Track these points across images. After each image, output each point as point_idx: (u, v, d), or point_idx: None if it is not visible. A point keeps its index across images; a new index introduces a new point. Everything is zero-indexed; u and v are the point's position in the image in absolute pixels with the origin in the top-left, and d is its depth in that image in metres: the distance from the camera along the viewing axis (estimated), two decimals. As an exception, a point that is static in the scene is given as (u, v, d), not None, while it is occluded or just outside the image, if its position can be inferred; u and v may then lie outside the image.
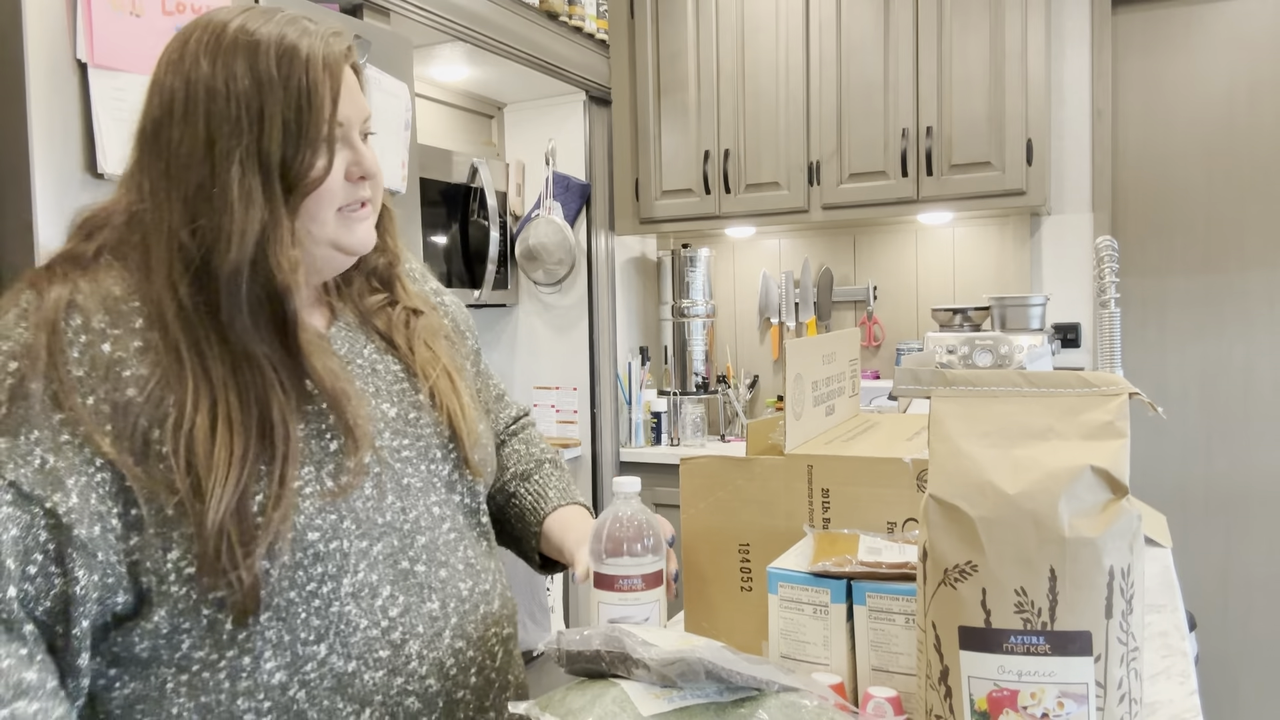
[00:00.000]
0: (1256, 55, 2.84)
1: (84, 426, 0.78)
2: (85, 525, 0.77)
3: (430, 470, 0.96)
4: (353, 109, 0.90)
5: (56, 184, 1.38)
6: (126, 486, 0.79)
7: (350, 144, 0.90)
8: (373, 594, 0.87)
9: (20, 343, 0.79)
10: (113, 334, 0.82)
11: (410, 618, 0.90)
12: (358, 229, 0.92)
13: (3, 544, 0.74)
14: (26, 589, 0.76)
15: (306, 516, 0.84)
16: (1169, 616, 1.14)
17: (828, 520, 1.02)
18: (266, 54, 0.85)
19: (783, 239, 3.40)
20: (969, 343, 2.66)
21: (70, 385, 0.78)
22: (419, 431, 0.96)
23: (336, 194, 0.89)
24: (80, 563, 0.77)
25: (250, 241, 0.83)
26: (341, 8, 2.10)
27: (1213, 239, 2.91)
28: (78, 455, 0.77)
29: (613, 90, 3.26)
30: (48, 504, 0.76)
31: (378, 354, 0.98)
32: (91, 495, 0.77)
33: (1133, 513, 0.68)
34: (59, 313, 0.81)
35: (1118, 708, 0.67)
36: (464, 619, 0.94)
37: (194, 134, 0.84)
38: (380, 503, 0.90)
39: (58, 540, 0.76)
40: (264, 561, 0.81)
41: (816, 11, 2.95)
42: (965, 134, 2.77)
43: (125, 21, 1.45)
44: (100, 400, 0.79)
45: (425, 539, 0.93)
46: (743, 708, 0.71)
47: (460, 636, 0.93)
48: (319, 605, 0.84)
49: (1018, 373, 0.73)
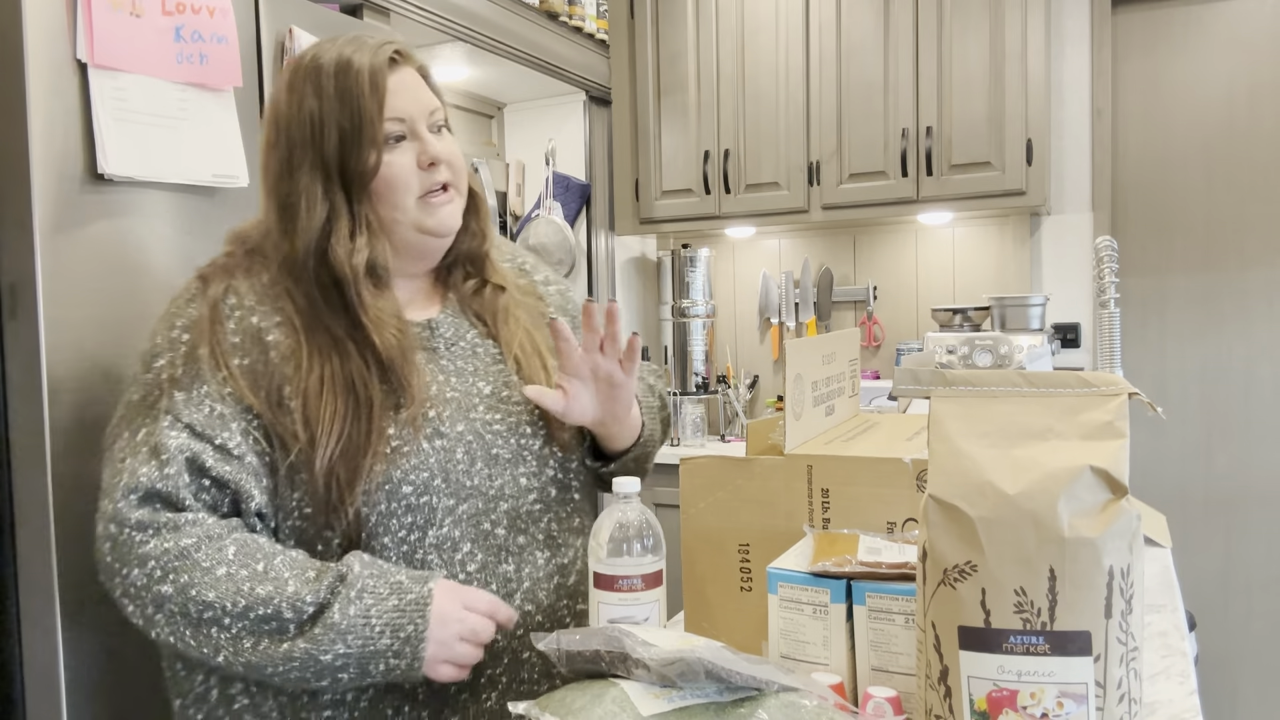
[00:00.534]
0: (1256, 56, 2.84)
1: (239, 382, 0.97)
2: (235, 465, 0.95)
3: (520, 444, 1.06)
4: (413, 105, 1.02)
5: (56, 184, 1.38)
6: (268, 434, 0.97)
7: (417, 136, 1.03)
8: (454, 548, 1.00)
9: (190, 319, 1.01)
10: (260, 309, 1.01)
11: (485, 574, 1.01)
12: (439, 212, 1.04)
13: (176, 473, 0.94)
14: (199, 508, 0.95)
15: (402, 471, 0.97)
16: (1169, 616, 1.14)
17: (827, 520, 1.02)
18: (326, 74, 1.01)
19: (783, 239, 3.40)
20: (969, 343, 2.66)
21: (227, 350, 0.99)
22: (510, 408, 1.06)
23: (411, 182, 1.02)
24: (230, 493, 0.96)
25: (312, 236, 1.00)
26: (341, 8, 2.10)
27: (1213, 239, 2.91)
28: (237, 405, 0.97)
29: (613, 90, 3.26)
30: (217, 441, 0.95)
31: (479, 338, 1.10)
32: (249, 437, 0.97)
33: (1132, 513, 0.68)
34: (219, 295, 1.02)
35: (1117, 708, 0.67)
36: (536, 585, 1.04)
37: (280, 156, 1.03)
38: (470, 468, 1.01)
39: (224, 472, 0.95)
40: (364, 507, 0.96)
41: (816, 12, 2.95)
42: (965, 134, 2.77)
43: (125, 21, 1.45)
44: (252, 361, 0.99)
45: (508, 506, 1.04)
46: (742, 707, 0.71)
47: (530, 601, 1.03)
48: (406, 550, 0.98)
49: (1017, 373, 0.73)
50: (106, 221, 1.45)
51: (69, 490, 1.39)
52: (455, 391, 1.04)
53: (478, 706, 1.01)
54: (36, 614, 1.39)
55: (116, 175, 1.44)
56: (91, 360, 1.43)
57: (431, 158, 1.02)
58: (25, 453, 1.38)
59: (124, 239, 1.48)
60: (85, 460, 1.42)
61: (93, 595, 1.42)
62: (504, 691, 1.03)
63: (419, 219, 1.03)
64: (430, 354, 1.06)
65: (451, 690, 0.99)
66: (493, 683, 1.02)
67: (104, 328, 1.45)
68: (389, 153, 1.01)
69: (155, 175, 1.50)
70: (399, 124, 1.02)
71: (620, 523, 0.93)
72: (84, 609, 1.41)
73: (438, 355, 1.06)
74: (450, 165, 1.05)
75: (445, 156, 1.04)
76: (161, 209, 1.54)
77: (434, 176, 1.03)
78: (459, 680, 0.95)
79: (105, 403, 1.44)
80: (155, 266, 1.53)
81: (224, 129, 1.61)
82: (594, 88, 3.27)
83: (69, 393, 1.39)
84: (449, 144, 1.06)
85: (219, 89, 1.60)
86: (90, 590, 1.42)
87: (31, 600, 1.39)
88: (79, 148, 1.41)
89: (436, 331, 1.07)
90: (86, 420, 1.42)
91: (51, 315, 1.38)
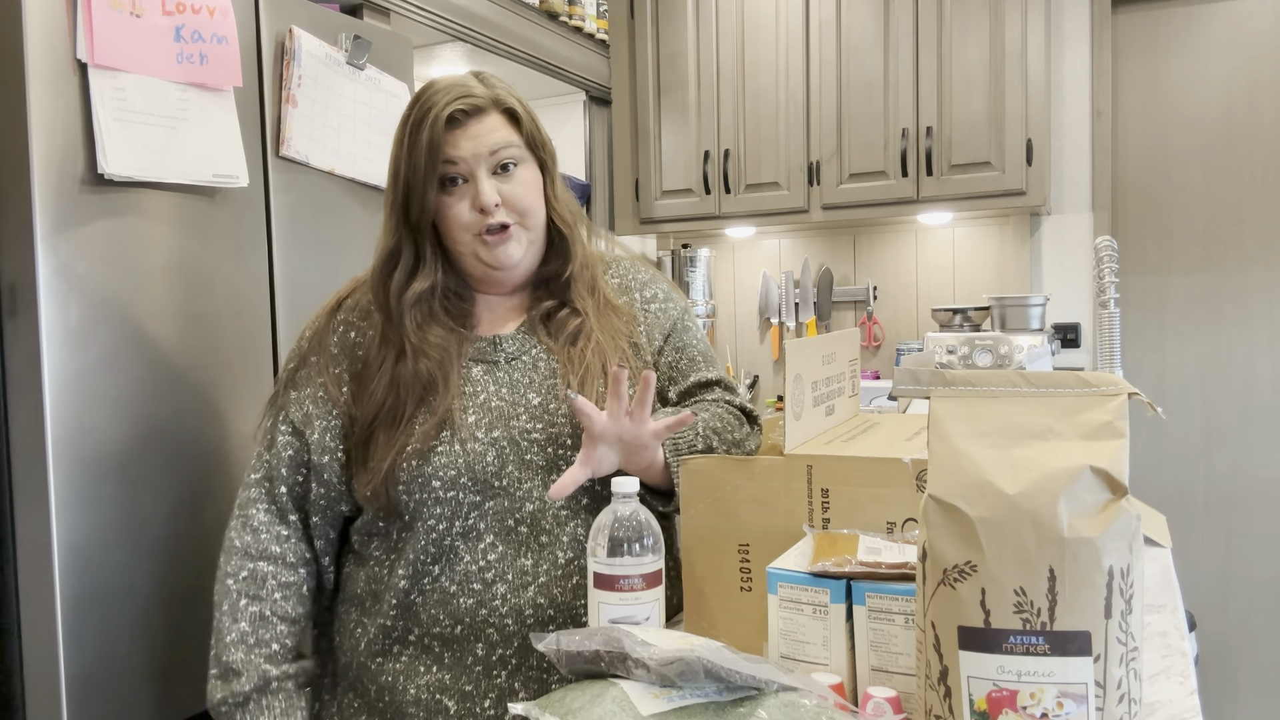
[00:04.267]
0: (1256, 55, 2.84)
1: (331, 389, 1.17)
2: (318, 454, 1.16)
3: (556, 454, 1.14)
4: (469, 150, 1.14)
5: (56, 184, 1.38)
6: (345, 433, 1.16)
7: (475, 180, 1.14)
8: (478, 539, 1.12)
9: (314, 329, 1.23)
10: (359, 325, 1.20)
11: (504, 564, 1.12)
12: (495, 251, 1.16)
13: (285, 458, 1.17)
14: (295, 490, 1.17)
15: (433, 468, 1.11)
16: (1169, 616, 1.14)
17: (827, 520, 1.02)
18: (406, 123, 1.16)
19: (783, 239, 3.40)
20: (969, 343, 2.66)
21: (327, 360, 1.19)
22: (554, 419, 1.15)
23: (465, 221, 1.15)
24: (314, 478, 1.16)
25: (377, 265, 1.19)
26: (341, 8, 2.10)
27: (1213, 239, 2.91)
28: (324, 407, 1.17)
29: (613, 90, 3.26)
30: (309, 436, 1.16)
31: (543, 353, 1.19)
32: (327, 435, 1.16)
33: (1132, 513, 0.68)
34: (331, 311, 1.23)
35: (1117, 708, 0.67)
36: (552, 581, 1.12)
37: (386, 195, 1.20)
38: (500, 470, 1.13)
39: (310, 460, 1.16)
40: (404, 496, 1.11)
41: (816, 11, 2.95)
42: (965, 134, 2.77)
43: (125, 21, 1.45)
44: (343, 370, 1.18)
45: (534, 508, 1.13)
46: (742, 707, 0.71)
47: (544, 595, 1.12)
48: (435, 538, 1.12)
49: (1017, 373, 0.73)
50: (106, 221, 1.45)
51: (69, 490, 1.39)
52: (502, 401, 1.16)
53: (489, 682, 1.12)
54: (36, 614, 1.39)
55: (116, 175, 1.44)
56: (91, 360, 1.43)
57: (482, 205, 1.13)
58: (25, 452, 1.38)
59: (124, 239, 1.48)
60: (85, 460, 1.42)
61: (93, 595, 1.42)
62: (514, 671, 1.12)
63: (476, 251, 1.16)
64: (489, 366, 1.18)
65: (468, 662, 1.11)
66: (503, 663, 1.11)
67: (104, 328, 1.45)
68: (448, 195, 1.15)
69: (155, 175, 1.50)
70: (454, 168, 1.14)
71: (620, 522, 0.93)
72: (84, 609, 1.41)
73: (496, 368, 1.18)
74: (513, 204, 1.15)
75: (505, 197, 1.15)
76: (161, 209, 1.54)
77: (485, 220, 1.14)
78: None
79: (105, 403, 1.44)
80: (155, 266, 1.53)
81: (224, 129, 1.61)
82: (594, 88, 3.27)
83: (69, 393, 1.39)
84: (513, 184, 1.16)
85: (219, 89, 1.60)
86: (90, 590, 1.42)
87: (31, 600, 1.39)
88: (79, 148, 1.41)
89: (499, 347, 1.19)
90: (86, 420, 1.42)
91: (51, 315, 1.38)
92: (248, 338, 1.68)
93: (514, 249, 1.16)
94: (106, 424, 1.45)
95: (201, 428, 1.59)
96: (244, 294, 1.68)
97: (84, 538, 1.41)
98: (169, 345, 1.54)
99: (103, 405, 1.44)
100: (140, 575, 1.49)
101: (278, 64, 1.74)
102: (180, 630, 1.55)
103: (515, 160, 1.17)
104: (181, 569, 1.55)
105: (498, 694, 1.11)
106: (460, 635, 1.11)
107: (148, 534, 1.50)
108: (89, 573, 1.42)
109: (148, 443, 1.50)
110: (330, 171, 1.85)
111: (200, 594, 1.58)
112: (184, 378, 1.57)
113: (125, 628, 1.47)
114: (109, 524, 1.44)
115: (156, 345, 1.52)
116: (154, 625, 1.51)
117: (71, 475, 1.39)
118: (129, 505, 1.47)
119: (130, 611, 1.47)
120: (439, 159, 1.13)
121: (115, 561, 1.45)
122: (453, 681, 1.12)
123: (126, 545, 1.47)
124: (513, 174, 1.16)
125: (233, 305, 1.66)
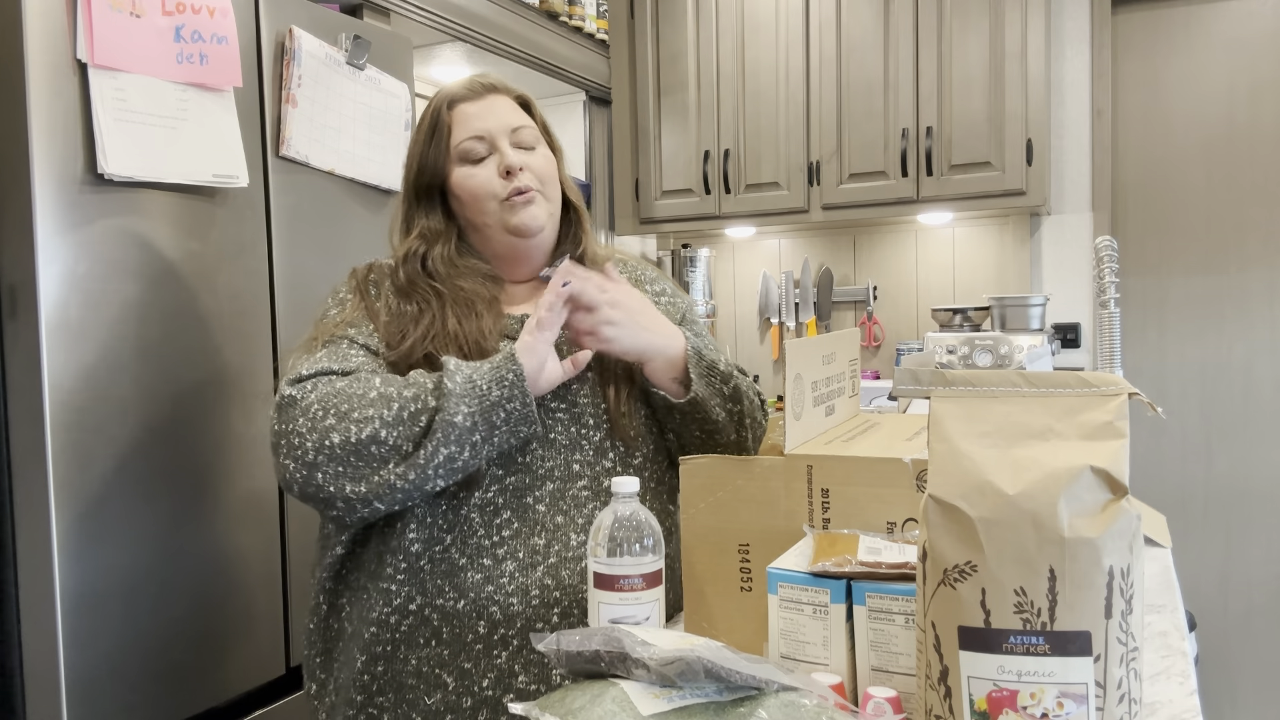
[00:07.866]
0: (1256, 55, 2.84)
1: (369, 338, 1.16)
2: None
3: (579, 433, 1.17)
4: (493, 123, 1.20)
5: (56, 184, 1.38)
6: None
7: (498, 149, 1.19)
8: (495, 512, 1.12)
9: (350, 288, 1.23)
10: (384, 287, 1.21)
11: (516, 542, 1.12)
12: (521, 212, 1.19)
13: (358, 362, 1.13)
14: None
15: None
16: (1169, 616, 1.14)
17: (827, 520, 1.02)
18: (425, 116, 1.23)
19: (783, 239, 3.40)
20: (969, 343, 2.66)
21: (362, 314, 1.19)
22: (575, 399, 1.17)
23: (492, 188, 1.18)
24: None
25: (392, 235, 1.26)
26: (341, 8, 2.10)
27: (1213, 239, 2.91)
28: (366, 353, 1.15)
29: (613, 90, 3.26)
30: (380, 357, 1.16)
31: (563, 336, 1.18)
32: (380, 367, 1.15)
33: (1132, 513, 0.68)
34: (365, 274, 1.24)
35: (1117, 708, 0.67)
36: (562, 563, 1.12)
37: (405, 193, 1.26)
38: (524, 445, 1.13)
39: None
40: None
41: (816, 11, 2.95)
42: (965, 134, 2.77)
43: (125, 21, 1.45)
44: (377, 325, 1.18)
45: (553, 486, 1.14)
46: (742, 707, 0.71)
47: (552, 576, 1.11)
48: (455, 505, 1.11)
49: (1017, 373, 0.73)
50: (106, 221, 1.45)
51: (69, 490, 1.39)
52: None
53: (489, 661, 1.11)
54: (36, 614, 1.39)
55: (116, 175, 1.44)
56: (91, 360, 1.43)
57: (509, 166, 1.17)
58: (25, 453, 1.38)
59: (124, 239, 1.48)
60: (85, 460, 1.42)
61: (93, 595, 1.42)
62: (515, 653, 1.11)
63: (504, 219, 1.19)
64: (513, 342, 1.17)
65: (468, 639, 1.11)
66: (505, 643, 1.11)
67: (104, 328, 1.45)
68: (473, 166, 1.19)
69: (155, 175, 1.50)
70: (479, 141, 1.19)
71: (620, 522, 0.93)
72: (84, 609, 1.41)
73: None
74: (535, 173, 1.20)
75: (527, 165, 1.19)
76: (161, 209, 1.54)
77: (514, 182, 1.18)
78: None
79: (105, 402, 1.44)
80: (155, 266, 1.53)
81: (224, 129, 1.61)
82: (594, 88, 3.27)
83: (69, 393, 1.39)
84: (537, 157, 1.22)
85: (219, 89, 1.60)
86: (90, 590, 1.42)
87: (31, 600, 1.39)
88: (79, 148, 1.41)
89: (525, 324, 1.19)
90: (86, 420, 1.42)
91: (51, 315, 1.38)
92: (248, 338, 1.68)
93: (539, 212, 1.20)
94: (106, 424, 1.45)
95: (201, 428, 1.59)
96: (244, 294, 1.68)
97: (84, 538, 1.41)
98: (169, 345, 1.54)
99: (103, 405, 1.44)
100: (140, 575, 1.49)
101: (278, 64, 1.74)
102: (180, 630, 1.55)
103: (533, 142, 1.23)
104: (181, 569, 1.55)
105: (496, 674, 1.11)
106: (463, 610, 1.11)
107: (148, 534, 1.50)
108: (89, 573, 1.42)
109: (148, 443, 1.50)
110: (330, 171, 1.85)
111: (200, 594, 1.58)
112: (184, 378, 1.57)
113: (125, 628, 1.47)
114: (109, 524, 1.44)
115: (156, 345, 1.52)
116: (154, 625, 1.51)
117: (71, 475, 1.39)
118: (129, 505, 1.47)
119: (130, 612, 1.47)
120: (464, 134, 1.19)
121: (115, 561, 1.45)
122: (451, 657, 1.12)
123: (126, 545, 1.47)
124: (533, 151, 1.22)
125: (233, 305, 1.66)
